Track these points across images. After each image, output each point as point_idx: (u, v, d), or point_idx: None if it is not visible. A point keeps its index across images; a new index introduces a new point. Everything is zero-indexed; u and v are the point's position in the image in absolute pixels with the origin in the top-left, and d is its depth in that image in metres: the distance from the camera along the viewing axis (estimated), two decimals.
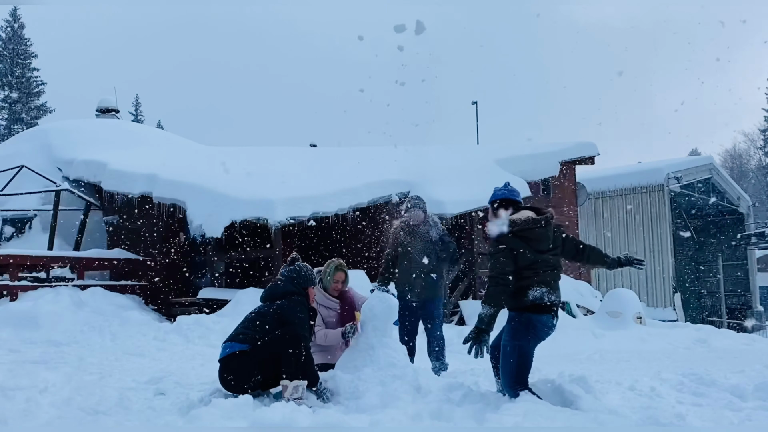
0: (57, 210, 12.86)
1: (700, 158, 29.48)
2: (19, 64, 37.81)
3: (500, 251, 4.11)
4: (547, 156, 16.26)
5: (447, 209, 11.90)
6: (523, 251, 4.12)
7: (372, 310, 4.65)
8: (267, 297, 4.70)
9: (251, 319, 4.58)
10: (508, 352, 4.16)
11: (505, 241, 4.12)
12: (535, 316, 4.13)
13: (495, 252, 4.14)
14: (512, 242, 4.12)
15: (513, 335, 4.16)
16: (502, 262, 4.09)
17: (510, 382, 4.14)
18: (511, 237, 4.13)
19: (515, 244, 4.12)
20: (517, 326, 4.16)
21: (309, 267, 4.83)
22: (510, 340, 4.17)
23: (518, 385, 4.12)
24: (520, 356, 4.13)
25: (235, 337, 4.49)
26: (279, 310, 4.49)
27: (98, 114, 18.91)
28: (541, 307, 4.13)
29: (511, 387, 4.13)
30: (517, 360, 4.13)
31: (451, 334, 7.03)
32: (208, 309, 11.04)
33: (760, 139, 51.00)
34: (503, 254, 4.10)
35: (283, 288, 4.65)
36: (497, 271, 4.10)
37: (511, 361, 4.14)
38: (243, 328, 4.52)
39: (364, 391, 4.15)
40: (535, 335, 4.15)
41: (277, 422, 3.58)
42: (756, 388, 4.88)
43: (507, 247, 4.10)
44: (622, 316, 12.35)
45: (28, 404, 4.17)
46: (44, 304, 9.40)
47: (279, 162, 13.81)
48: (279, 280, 4.73)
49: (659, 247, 25.09)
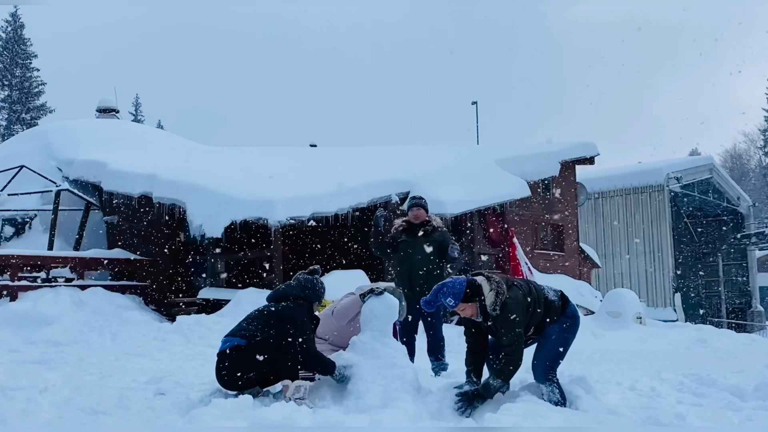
0: (57, 210, 12.86)
1: (700, 158, 29.50)
2: (19, 64, 37.81)
3: (517, 323, 4.10)
4: (547, 156, 16.26)
5: (447, 209, 11.90)
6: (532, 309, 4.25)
7: (372, 310, 4.64)
8: (275, 298, 4.71)
9: (254, 316, 4.59)
10: (555, 340, 4.31)
11: (520, 311, 4.13)
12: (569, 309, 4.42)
13: (513, 323, 4.07)
14: (524, 309, 4.19)
15: (564, 330, 4.35)
16: (519, 335, 4.13)
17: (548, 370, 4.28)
18: (520, 304, 4.16)
19: (525, 309, 4.20)
20: (566, 323, 4.36)
21: (323, 284, 4.85)
22: (559, 333, 4.33)
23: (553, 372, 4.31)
24: (563, 349, 4.35)
25: (236, 333, 4.49)
26: (282, 310, 4.50)
27: (98, 114, 18.92)
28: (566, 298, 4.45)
29: (549, 374, 4.27)
30: (563, 351, 4.34)
31: (451, 334, 7.02)
32: (208, 309, 11.03)
33: (760, 139, 51.05)
34: (519, 326, 4.13)
35: (293, 292, 4.67)
36: (517, 347, 4.10)
37: (557, 350, 4.31)
38: (246, 324, 4.53)
39: (364, 391, 4.14)
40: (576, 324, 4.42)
41: (277, 422, 3.58)
42: (756, 388, 4.88)
43: (521, 317, 4.13)
44: (622, 316, 12.34)
45: (28, 404, 4.17)
46: (44, 304, 9.40)
47: (279, 162, 13.82)
48: (290, 285, 4.75)
49: (659, 247, 25.09)
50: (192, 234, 11.19)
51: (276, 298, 4.69)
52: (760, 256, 32.47)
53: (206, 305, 11.41)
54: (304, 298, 4.64)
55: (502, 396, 4.23)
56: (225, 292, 11.54)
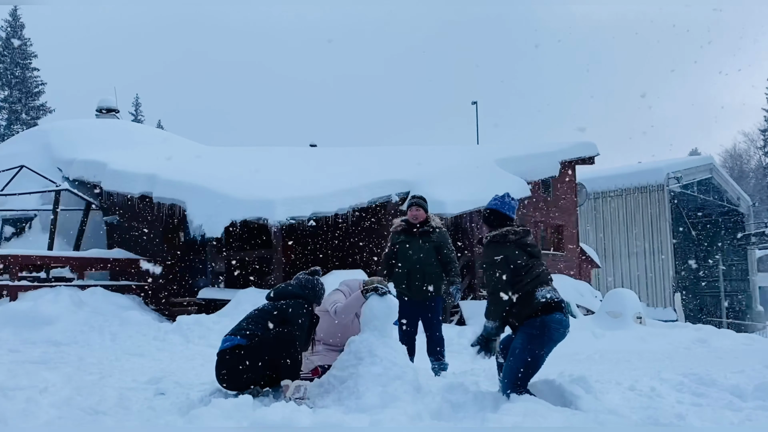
0: (57, 210, 12.86)
1: (700, 158, 29.51)
2: (19, 64, 37.79)
3: (495, 263, 4.21)
4: (547, 156, 16.26)
5: (447, 209, 11.89)
6: (519, 260, 4.22)
7: (372, 310, 4.64)
8: (275, 296, 4.71)
9: (254, 315, 4.59)
10: (518, 354, 4.15)
11: (502, 251, 4.22)
12: (548, 317, 4.14)
13: (491, 263, 4.24)
14: (510, 252, 4.23)
15: (529, 340, 4.14)
16: (498, 274, 4.19)
17: (511, 381, 4.15)
18: (510, 246, 4.24)
19: (513, 253, 4.23)
20: (533, 332, 4.13)
21: (323, 285, 4.85)
22: (524, 344, 4.15)
23: (518, 388, 4.13)
24: (531, 360, 4.14)
25: (236, 332, 4.49)
26: (282, 309, 4.50)
27: (98, 114, 18.91)
28: (551, 307, 4.16)
29: (511, 388, 4.13)
30: (526, 364, 4.14)
31: (451, 334, 7.03)
32: (208, 309, 11.04)
33: (760, 139, 51.03)
34: (499, 266, 4.20)
35: (292, 291, 4.67)
36: (494, 287, 4.21)
37: (519, 363, 4.14)
38: (245, 324, 4.53)
39: (364, 391, 4.14)
40: (550, 338, 4.14)
41: (277, 422, 3.57)
42: (756, 388, 4.88)
43: (504, 256, 4.20)
44: (622, 316, 12.34)
45: (28, 404, 4.16)
46: (44, 304, 9.40)
47: (279, 162, 13.82)
48: (290, 284, 4.75)
49: (659, 247, 25.10)
50: (192, 234, 11.19)
51: (275, 297, 4.69)
52: (760, 256, 32.46)
53: (206, 305, 11.41)
54: (303, 297, 4.65)
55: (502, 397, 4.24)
56: (225, 292, 11.55)
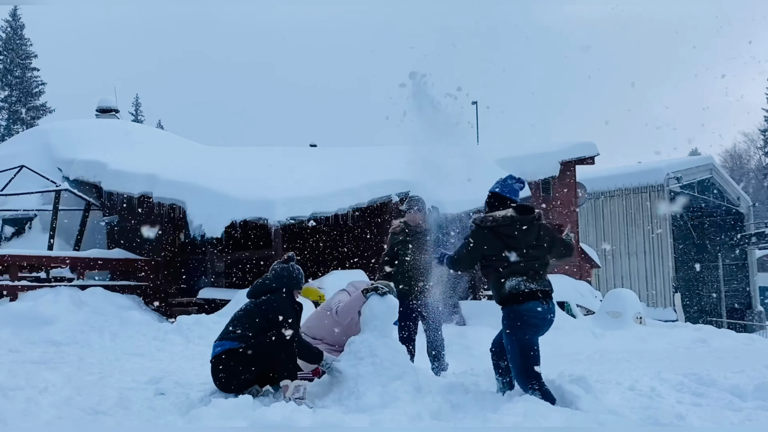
0: (57, 210, 12.85)
1: (700, 158, 29.47)
2: (19, 64, 37.79)
3: (468, 245, 4.29)
4: (547, 156, 16.28)
5: (447, 209, 11.84)
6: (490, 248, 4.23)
7: (372, 310, 4.64)
8: (254, 293, 4.69)
9: (240, 317, 4.57)
10: (510, 349, 4.20)
11: (476, 237, 4.27)
12: (519, 306, 4.14)
13: (465, 244, 4.34)
14: (483, 238, 4.25)
15: (509, 332, 4.19)
16: (464, 255, 4.31)
17: (522, 378, 4.17)
18: (486, 233, 4.25)
19: (486, 240, 4.24)
20: (507, 321, 4.20)
21: (300, 270, 4.80)
22: (507, 337, 4.21)
23: (530, 379, 4.12)
24: (522, 348, 4.14)
25: (225, 336, 4.49)
26: (267, 308, 4.48)
27: (98, 114, 18.90)
28: (520, 296, 4.14)
29: (524, 383, 4.14)
30: (520, 353, 4.14)
31: (451, 335, 7.02)
32: (208, 309, 11.03)
33: (760, 139, 51.01)
34: (470, 249, 4.28)
35: (269, 285, 4.65)
36: (455, 258, 4.37)
37: (515, 356, 4.17)
38: (232, 327, 4.52)
39: (364, 391, 4.14)
40: (527, 324, 4.13)
41: (277, 422, 3.58)
42: (756, 388, 4.89)
43: (476, 242, 4.26)
44: (622, 316, 12.34)
45: (28, 404, 4.16)
46: (44, 304, 9.40)
47: (279, 162, 13.80)
48: (267, 278, 4.72)
49: (659, 247, 25.09)
50: (192, 234, 11.18)
51: (255, 294, 4.67)
52: (760, 256, 32.45)
53: (206, 305, 11.41)
54: (282, 287, 4.62)
55: (502, 397, 4.25)
56: (225, 292, 11.54)
